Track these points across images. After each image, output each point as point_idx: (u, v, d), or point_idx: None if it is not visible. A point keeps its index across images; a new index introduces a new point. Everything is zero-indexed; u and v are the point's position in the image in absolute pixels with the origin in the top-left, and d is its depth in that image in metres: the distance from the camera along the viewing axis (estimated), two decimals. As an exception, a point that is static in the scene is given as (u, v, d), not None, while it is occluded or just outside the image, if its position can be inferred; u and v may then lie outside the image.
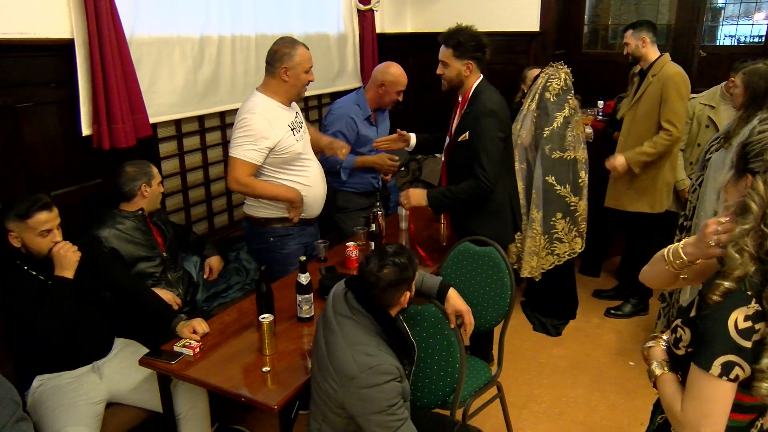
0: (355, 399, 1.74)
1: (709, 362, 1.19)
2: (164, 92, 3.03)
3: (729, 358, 1.18)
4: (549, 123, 3.48)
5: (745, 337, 1.17)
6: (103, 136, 2.64)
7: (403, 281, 1.83)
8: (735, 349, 1.17)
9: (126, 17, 2.70)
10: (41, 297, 2.18)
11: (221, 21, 3.31)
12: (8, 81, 2.43)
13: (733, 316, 1.17)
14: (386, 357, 1.77)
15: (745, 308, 1.17)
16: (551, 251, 3.61)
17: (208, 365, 2.13)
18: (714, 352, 1.19)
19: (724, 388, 1.20)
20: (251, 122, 2.64)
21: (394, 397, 1.75)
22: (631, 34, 3.60)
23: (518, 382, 3.23)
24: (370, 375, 1.72)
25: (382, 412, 1.73)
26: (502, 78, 4.85)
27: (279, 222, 2.89)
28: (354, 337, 1.79)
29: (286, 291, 2.57)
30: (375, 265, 1.81)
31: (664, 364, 1.39)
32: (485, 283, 2.59)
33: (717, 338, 1.19)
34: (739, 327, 1.17)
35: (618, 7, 5.23)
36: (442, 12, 4.99)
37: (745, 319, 1.17)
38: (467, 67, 2.72)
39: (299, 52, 2.71)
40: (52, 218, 2.19)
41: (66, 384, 2.28)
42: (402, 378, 1.81)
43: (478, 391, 2.46)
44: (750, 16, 6.20)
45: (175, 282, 2.80)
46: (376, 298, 1.82)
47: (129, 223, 2.65)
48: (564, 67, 3.53)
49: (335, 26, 4.25)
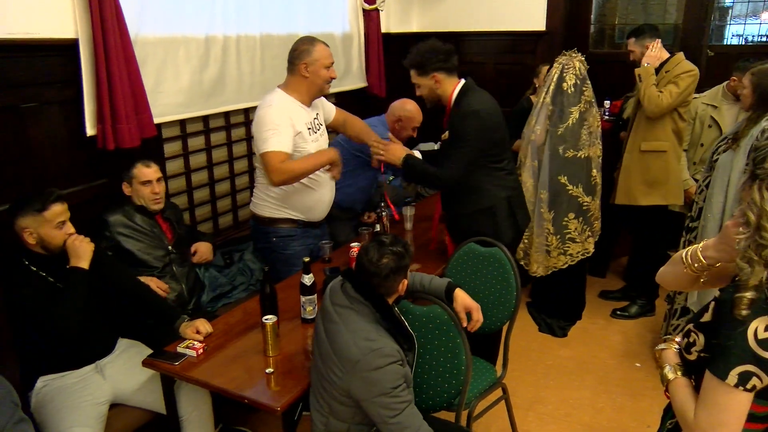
0: (360, 382, 1.79)
1: (726, 371, 1.17)
2: (169, 92, 3.03)
3: (747, 368, 1.15)
4: (564, 120, 3.42)
5: (764, 347, 1.14)
6: (107, 136, 2.64)
7: (401, 268, 1.91)
8: (754, 359, 1.15)
9: (131, 17, 2.70)
10: (51, 295, 2.21)
11: (226, 21, 3.30)
12: (13, 81, 2.43)
13: (753, 326, 1.15)
14: (386, 341, 1.83)
15: (765, 317, 1.15)
16: (564, 251, 3.58)
17: (211, 366, 2.12)
18: (731, 362, 1.16)
19: (740, 398, 1.17)
20: (270, 115, 2.67)
21: (397, 379, 1.80)
22: (634, 42, 3.58)
23: (524, 384, 3.21)
24: (373, 358, 1.77)
25: (387, 394, 1.78)
26: (509, 77, 4.85)
27: (283, 223, 2.89)
28: (354, 324, 1.85)
29: (291, 292, 2.56)
30: (375, 255, 1.87)
31: (677, 368, 1.37)
32: (491, 284, 2.58)
33: (735, 347, 1.16)
34: (759, 337, 1.14)
35: (625, 6, 5.19)
36: (448, 11, 4.98)
37: (765, 329, 1.14)
38: (434, 80, 2.70)
39: (318, 48, 2.75)
40: (65, 210, 2.28)
41: (70, 385, 2.28)
42: (403, 362, 1.86)
43: (484, 392, 2.45)
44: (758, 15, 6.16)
45: (180, 276, 2.81)
46: (377, 287, 1.88)
47: (137, 215, 2.73)
48: (578, 55, 3.46)
49: (340, 26, 4.24)
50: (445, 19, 4.99)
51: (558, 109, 3.44)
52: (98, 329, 2.41)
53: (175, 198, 3.29)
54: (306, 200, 2.88)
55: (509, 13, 4.74)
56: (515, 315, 2.55)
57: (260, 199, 2.90)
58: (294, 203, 2.87)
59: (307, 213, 2.92)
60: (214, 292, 3.17)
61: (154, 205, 2.76)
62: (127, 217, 2.70)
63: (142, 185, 2.71)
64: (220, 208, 3.65)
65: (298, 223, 2.92)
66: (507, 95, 4.67)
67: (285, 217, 2.88)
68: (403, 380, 1.83)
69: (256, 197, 2.93)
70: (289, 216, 2.88)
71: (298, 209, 2.89)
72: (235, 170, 3.71)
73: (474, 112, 2.62)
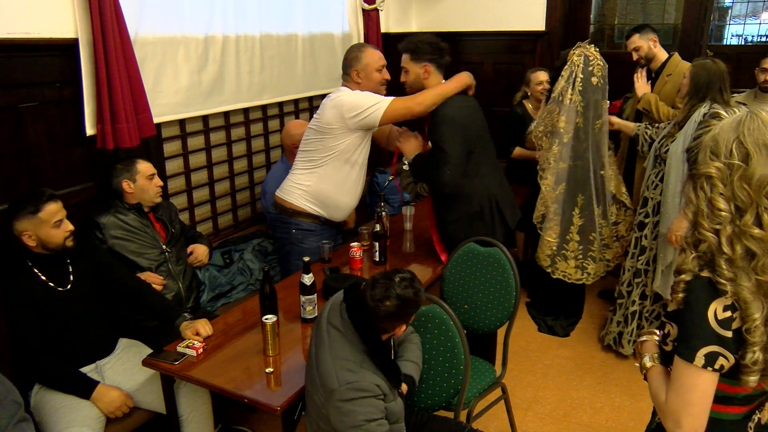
0: (335, 412, 1.75)
1: (692, 354, 1.23)
2: (168, 92, 3.03)
3: (712, 348, 1.22)
4: (599, 113, 3.31)
5: (725, 327, 1.21)
6: (107, 136, 2.63)
7: (402, 316, 1.81)
8: (717, 339, 1.22)
9: (130, 17, 2.70)
10: (47, 303, 2.23)
11: (226, 21, 3.30)
12: (12, 81, 2.43)
13: (712, 308, 1.22)
14: (367, 375, 1.77)
15: (722, 299, 1.22)
16: (602, 257, 3.54)
17: (211, 366, 2.12)
18: (696, 344, 1.23)
19: (706, 378, 1.24)
20: (350, 95, 2.76)
21: (372, 413, 1.75)
22: (639, 37, 3.59)
23: (523, 384, 3.21)
24: (348, 390, 1.73)
25: (358, 427, 1.73)
26: (507, 78, 4.86)
27: (306, 217, 2.93)
28: (339, 351, 1.79)
29: (290, 291, 2.56)
30: (379, 293, 1.76)
31: (655, 357, 1.43)
32: (490, 284, 2.58)
33: (698, 330, 1.23)
34: (719, 317, 1.21)
35: (624, 6, 5.19)
36: (447, 11, 4.98)
37: (724, 309, 1.21)
38: (425, 70, 2.73)
39: (367, 53, 2.84)
40: (60, 208, 2.27)
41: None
42: (386, 396, 1.80)
43: (483, 392, 2.45)
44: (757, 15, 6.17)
45: (177, 275, 2.80)
46: (371, 323, 1.80)
47: (130, 215, 2.71)
48: (592, 47, 3.33)
49: (340, 26, 4.24)
50: (444, 18, 4.99)
51: (592, 104, 3.31)
52: (98, 330, 2.41)
53: (175, 198, 3.29)
54: (337, 200, 2.93)
55: (508, 13, 4.74)
56: (514, 315, 2.56)
57: (291, 187, 2.93)
58: (324, 200, 2.91)
59: (332, 212, 2.96)
60: (213, 291, 3.17)
61: (158, 198, 2.77)
62: (119, 218, 2.68)
63: (148, 179, 2.72)
64: (219, 208, 3.65)
65: (321, 219, 2.96)
66: (506, 95, 4.68)
67: (309, 212, 2.92)
68: (381, 415, 1.77)
69: (287, 184, 2.96)
70: (313, 211, 2.92)
71: (326, 207, 2.93)
72: (235, 170, 3.70)
73: (448, 118, 2.65)
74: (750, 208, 1.22)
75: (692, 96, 2.89)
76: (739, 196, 1.22)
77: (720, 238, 1.24)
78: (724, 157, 1.24)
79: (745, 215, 1.22)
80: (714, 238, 1.25)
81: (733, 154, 1.23)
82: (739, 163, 1.22)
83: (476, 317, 2.60)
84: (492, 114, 4.92)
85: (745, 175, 1.22)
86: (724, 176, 1.24)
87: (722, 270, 1.22)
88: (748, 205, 1.22)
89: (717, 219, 1.24)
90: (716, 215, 1.24)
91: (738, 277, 1.21)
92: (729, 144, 1.24)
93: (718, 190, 1.24)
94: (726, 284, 1.21)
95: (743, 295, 1.20)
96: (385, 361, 1.85)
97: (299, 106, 4.14)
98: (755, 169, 1.21)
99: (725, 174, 1.24)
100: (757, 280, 1.21)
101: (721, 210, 1.24)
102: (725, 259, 1.23)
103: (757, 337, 1.21)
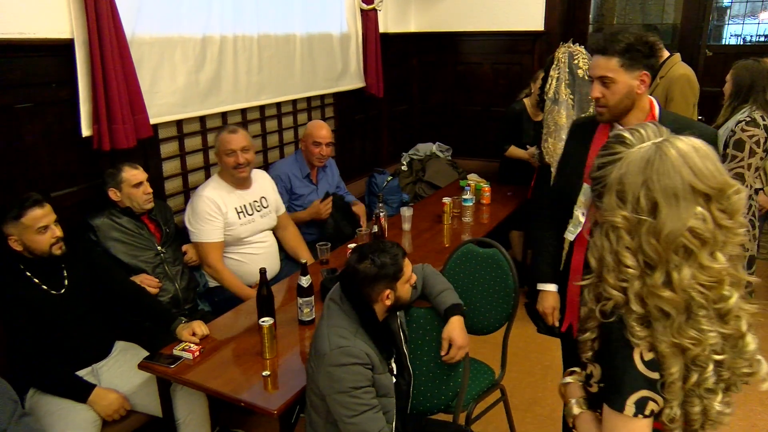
0: (324, 376, 1.77)
1: (622, 403, 1.13)
2: (165, 92, 3.01)
3: (641, 394, 1.12)
4: (584, 110, 3.26)
5: (651, 368, 1.12)
6: (103, 136, 2.62)
7: (380, 278, 1.83)
8: (646, 383, 1.12)
9: (127, 17, 2.69)
10: (42, 306, 2.21)
11: (223, 21, 3.28)
12: (8, 81, 2.41)
13: (637, 351, 1.12)
14: (359, 343, 1.80)
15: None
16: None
17: (207, 369, 2.11)
18: (625, 391, 1.13)
19: (639, 426, 1.14)
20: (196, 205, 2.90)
21: (359, 381, 1.77)
22: None
23: (522, 385, 3.20)
24: (338, 354, 1.75)
25: (345, 393, 1.76)
26: (506, 78, 4.85)
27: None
28: (335, 320, 1.84)
29: (288, 294, 2.55)
30: (354, 258, 1.85)
31: (581, 402, 1.33)
32: (488, 285, 2.57)
33: (626, 376, 1.13)
34: (645, 359, 1.12)
35: (623, 6, 5.19)
36: (446, 11, 4.97)
37: (649, 350, 1.12)
38: (641, 81, 1.85)
39: (219, 138, 2.97)
40: (46, 213, 2.20)
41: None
42: (374, 367, 1.82)
43: (482, 394, 2.44)
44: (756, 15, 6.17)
45: (173, 276, 2.79)
46: (356, 290, 1.85)
47: (124, 217, 2.71)
48: (577, 45, 3.32)
49: (338, 26, 4.22)
50: (443, 19, 4.98)
51: (584, 97, 3.26)
52: (94, 332, 2.39)
53: (172, 199, 3.27)
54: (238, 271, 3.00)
55: (507, 13, 4.73)
56: (513, 316, 2.54)
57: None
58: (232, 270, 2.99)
59: (245, 279, 2.99)
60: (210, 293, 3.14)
61: (148, 204, 2.74)
62: (113, 220, 2.67)
63: (134, 188, 2.69)
64: (217, 209, 3.62)
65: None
66: (505, 95, 4.68)
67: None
68: (368, 383, 1.79)
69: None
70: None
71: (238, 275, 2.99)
72: (233, 171, 3.68)
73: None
74: (659, 266, 1.10)
75: (734, 98, 2.80)
76: (646, 251, 1.10)
77: (628, 295, 1.12)
78: (630, 205, 1.10)
79: (654, 273, 1.10)
80: (621, 297, 1.14)
81: (641, 204, 1.09)
82: (645, 217, 1.09)
83: (475, 318, 2.59)
84: (490, 114, 4.93)
85: (654, 230, 1.09)
86: (631, 227, 1.11)
87: (634, 329, 1.12)
88: (657, 262, 1.10)
89: (623, 276, 1.12)
90: (622, 271, 1.12)
91: (654, 329, 1.11)
92: (636, 191, 1.10)
93: (624, 243, 1.12)
94: (639, 343, 1.12)
95: (660, 349, 1.11)
96: (379, 333, 1.89)
97: (297, 106, 4.12)
98: (664, 222, 1.07)
99: (633, 224, 1.11)
100: (672, 342, 1.10)
101: (628, 267, 1.12)
102: (635, 318, 1.12)
103: (674, 393, 1.12)
